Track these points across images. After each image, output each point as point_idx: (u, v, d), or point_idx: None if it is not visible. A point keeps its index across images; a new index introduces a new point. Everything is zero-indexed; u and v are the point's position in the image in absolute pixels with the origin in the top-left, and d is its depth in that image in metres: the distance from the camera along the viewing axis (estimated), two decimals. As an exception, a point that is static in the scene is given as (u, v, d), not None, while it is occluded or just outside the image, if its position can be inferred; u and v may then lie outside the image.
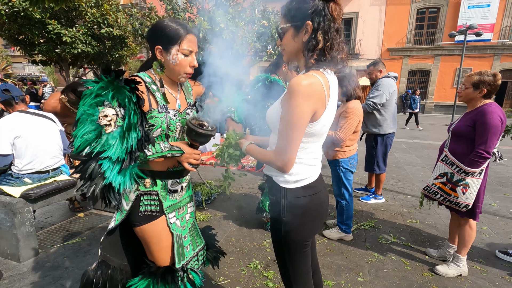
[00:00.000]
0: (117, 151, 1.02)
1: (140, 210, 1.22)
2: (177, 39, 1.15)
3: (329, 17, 0.99)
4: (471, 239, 2.13)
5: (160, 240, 1.26)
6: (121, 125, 1.04)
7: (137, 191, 1.22)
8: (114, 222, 1.25)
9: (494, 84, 1.92)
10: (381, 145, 3.42)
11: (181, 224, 1.33)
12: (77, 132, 1.03)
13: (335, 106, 1.11)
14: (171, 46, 1.15)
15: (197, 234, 1.45)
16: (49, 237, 2.72)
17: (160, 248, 1.27)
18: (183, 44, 1.16)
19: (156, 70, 1.21)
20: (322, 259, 2.38)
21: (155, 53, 1.19)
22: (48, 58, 8.06)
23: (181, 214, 1.35)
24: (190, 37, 1.18)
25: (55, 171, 2.51)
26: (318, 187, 1.16)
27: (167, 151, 1.17)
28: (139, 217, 1.22)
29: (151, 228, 1.24)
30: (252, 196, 3.82)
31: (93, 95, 1.03)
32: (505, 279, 2.17)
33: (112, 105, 1.03)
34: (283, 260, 1.21)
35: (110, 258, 1.30)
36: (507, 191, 4.11)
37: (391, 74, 3.37)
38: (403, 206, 3.53)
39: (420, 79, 17.84)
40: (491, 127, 1.84)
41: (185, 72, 1.21)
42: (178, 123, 1.24)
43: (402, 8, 17.00)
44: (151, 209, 1.24)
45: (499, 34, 15.75)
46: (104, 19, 7.24)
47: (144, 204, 1.22)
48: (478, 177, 1.97)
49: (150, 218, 1.23)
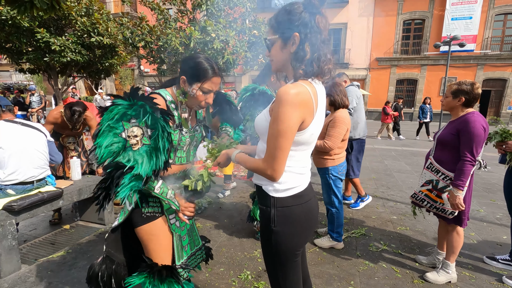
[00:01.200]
0: (145, 168, 1.12)
1: (143, 212, 1.29)
2: (202, 78, 1.27)
3: (316, 28, 1.01)
4: (459, 246, 2.15)
5: (159, 238, 1.33)
6: (147, 144, 1.13)
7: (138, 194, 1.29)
8: (117, 220, 1.35)
9: (472, 93, 1.97)
10: (355, 150, 3.55)
11: (180, 225, 1.41)
12: (100, 143, 1.10)
13: (323, 116, 1.12)
14: (195, 82, 1.27)
15: (195, 235, 1.53)
16: (33, 250, 2.63)
17: (159, 246, 1.33)
18: (205, 84, 1.28)
19: (178, 97, 1.33)
20: (314, 268, 2.37)
21: (180, 79, 1.30)
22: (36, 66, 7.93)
23: None
24: (215, 79, 1.30)
25: (40, 182, 2.44)
26: (308, 195, 1.16)
27: (165, 198, 1.25)
28: (141, 218, 1.29)
29: (151, 228, 1.30)
30: (243, 205, 3.79)
31: (122, 111, 1.12)
32: (493, 285, 2.19)
33: (139, 125, 1.12)
34: (273, 270, 1.20)
35: (114, 254, 1.38)
36: (493, 197, 4.19)
37: (354, 83, 3.74)
38: (393, 213, 3.56)
39: (408, 88, 18.27)
40: (474, 136, 1.89)
41: (199, 105, 1.33)
42: (188, 139, 1.36)
43: (389, 19, 17.52)
44: (153, 210, 1.31)
45: (481, 45, 16.35)
46: (94, 27, 7.20)
47: (145, 205, 1.30)
48: None
49: (151, 219, 1.30)
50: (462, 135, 1.95)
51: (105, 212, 3.08)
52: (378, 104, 18.84)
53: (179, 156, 1.36)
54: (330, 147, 2.45)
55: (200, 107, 1.36)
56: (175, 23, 7.43)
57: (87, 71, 8.57)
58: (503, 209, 3.68)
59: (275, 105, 0.99)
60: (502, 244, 2.82)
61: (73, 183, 2.85)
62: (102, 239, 2.82)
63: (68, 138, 3.20)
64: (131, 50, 7.72)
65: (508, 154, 2.15)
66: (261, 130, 1.12)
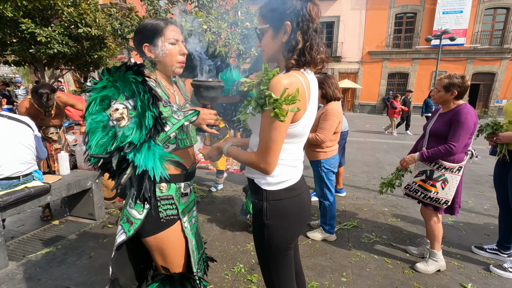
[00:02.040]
0: (136, 135, 0.98)
1: (161, 216, 1.17)
2: (159, 31, 1.18)
3: (308, 17, 0.98)
4: (439, 233, 2.22)
5: (176, 245, 1.23)
6: (134, 115, 0.99)
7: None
8: (124, 234, 1.15)
9: (463, 85, 2.01)
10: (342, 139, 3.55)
11: (190, 228, 1.31)
12: (91, 142, 0.97)
13: (315, 107, 1.10)
14: (156, 39, 1.18)
15: (199, 238, 1.43)
16: (21, 247, 2.57)
17: (175, 253, 1.24)
18: (167, 34, 1.18)
19: (149, 68, 1.22)
20: (306, 261, 2.38)
21: (145, 53, 1.20)
22: (22, 58, 7.67)
23: (189, 218, 1.33)
24: (171, 27, 1.21)
25: (26, 177, 2.38)
26: (300, 188, 1.15)
27: (183, 120, 1.11)
28: (159, 223, 1.17)
29: (167, 234, 1.19)
30: (236, 198, 3.78)
31: (98, 100, 0.98)
32: (481, 273, 2.25)
33: (119, 101, 0.99)
34: (265, 264, 1.19)
35: (118, 277, 1.21)
36: (481, 189, 4.29)
37: None
38: (385, 205, 3.60)
39: (399, 81, 18.43)
40: (464, 126, 1.94)
41: (177, 61, 1.22)
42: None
43: (381, 12, 17.55)
44: (171, 213, 1.20)
45: (471, 39, 16.56)
46: (82, 18, 6.97)
47: (163, 209, 1.18)
48: (457, 173, 2.06)
49: (169, 224, 1.19)
50: (453, 124, 2.00)
51: (95, 207, 3.03)
52: (370, 98, 19.01)
53: (181, 138, 1.22)
54: (322, 140, 2.44)
55: (181, 63, 1.23)
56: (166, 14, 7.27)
57: (75, 64, 8.33)
58: (491, 200, 3.76)
59: None
60: (489, 234, 2.89)
61: (61, 178, 2.78)
62: (92, 235, 2.77)
63: (49, 129, 3.10)
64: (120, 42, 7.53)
65: (499, 146, 2.18)
66: (254, 123, 1.09)
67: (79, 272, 2.19)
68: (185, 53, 1.23)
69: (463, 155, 2.07)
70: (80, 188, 2.86)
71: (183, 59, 1.24)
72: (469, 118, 1.94)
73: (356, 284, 2.10)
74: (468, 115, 1.95)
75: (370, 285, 2.10)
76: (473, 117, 1.96)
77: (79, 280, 2.09)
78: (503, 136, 2.12)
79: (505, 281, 2.15)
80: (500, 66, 16.23)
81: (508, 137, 2.10)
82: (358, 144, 8.02)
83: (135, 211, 1.15)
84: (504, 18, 16.15)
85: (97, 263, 2.31)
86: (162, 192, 1.18)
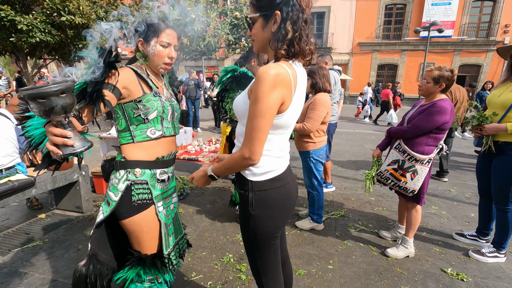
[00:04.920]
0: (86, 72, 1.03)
1: (133, 200, 1.24)
2: (156, 32, 1.25)
3: (298, 7, 0.98)
4: (417, 222, 2.30)
5: (150, 229, 1.30)
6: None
7: (127, 181, 1.24)
8: (102, 214, 1.25)
9: (452, 79, 2.06)
10: (328, 134, 3.58)
11: (166, 213, 1.37)
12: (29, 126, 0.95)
13: (302, 99, 1.10)
14: (151, 38, 1.25)
15: (178, 224, 1.50)
16: (6, 241, 2.53)
17: (150, 237, 1.30)
18: (161, 37, 1.25)
19: (139, 60, 1.30)
20: (294, 249, 2.43)
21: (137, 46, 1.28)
22: (2, 47, 7.37)
23: (167, 203, 1.38)
24: (168, 31, 1.27)
25: (9, 170, 2.32)
26: (286, 179, 1.16)
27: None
28: (132, 207, 1.23)
29: (142, 218, 1.26)
30: (225, 190, 3.80)
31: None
32: (460, 259, 2.35)
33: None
34: (252, 253, 1.21)
35: (98, 253, 1.31)
36: (464, 178, 4.43)
37: (335, 68, 3.68)
38: (371, 195, 3.69)
39: (389, 73, 18.60)
40: (432, 121, 2.03)
41: (163, 63, 1.29)
42: (169, 107, 1.32)
43: (371, 3, 17.53)
44: (144, 197, 1.26)
45: (459, 31, 16.78)
46: (65, 6, 6.72)
47: (136, 193, 1.24)
48: (426, 165, 2.13)
49: (142, 208, 1.25)
50: (425, 112, 2.07)
51: (83, 199, 2.99)
52: (360, 89, 19.03)
53: (166, 126, 1.32)
54: (309, 129, 2.46)
55: (167, 65, 1.31)
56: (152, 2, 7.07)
57: (59, 53, 8.07)
58: (472, 189, 3.90)
59: (254, 85, 0.96)
60: (469, 221, 3.00)
61: (46, 171, 2.73)
62: (80, 228, 2.75)
63: None
64: (106, 30, 7.32)
65: (484, 138, 2.21)
66: (240, 113, 1.09)
67: (67, 265, 2.18)
68: (173, 58, 1.31)
69: (433, 148, 2.12)
70: (66, 181, 2.81)
71: (169, 62, 1.31)
72: (442, 116, 2.01)
73: (342, 271, 2.17)
74: (442, 112, 2.01)
75: (356, 271, 2.17)
76: (447, 114, 2.01)
77: (67, 273, 2.08)
78: (488, 128, 2.13)
79: (482, 265, 2.25)
80: (486, 58, 16.56)
81: (493, 129, 2.11)
82: (347, 135, 8.12)
83: (112, 193, 1.23)
84: (490, 10, 16.40)
85: (85, 255, 2.29)
86: (136, 176, 1.24)
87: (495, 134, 2.15)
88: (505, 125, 2.04)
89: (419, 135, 2.10)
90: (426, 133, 2.08)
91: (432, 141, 2.10)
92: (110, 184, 1.25)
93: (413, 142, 2.14)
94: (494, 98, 2.19)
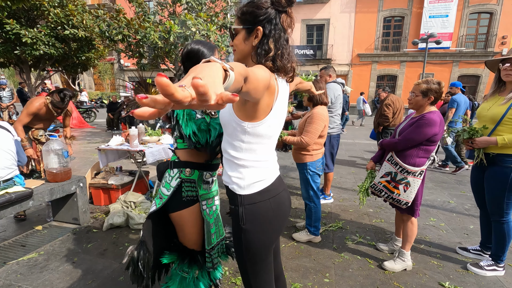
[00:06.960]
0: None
1: (182, 196, 1.41)
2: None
3: (280, 26, 1.02)
4: (413, 235, 2.28)
5: (194, 224, 1.46)
6: None
7: (179, 179, 1.40)
8: (155, 206, 1.43)
9: (439, 91, 2.09)
10: (329, 145, 3.60)
11: (209, 213, 1.50)
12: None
13: (283, 112, 1.11)
14: None
15: (220, 225, 1.59)
16: (1, 253, 2.52)
17: (194, 230, 1.46)
18: None
19: None
20: (291, 262, 2.41)
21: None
22: (6, 59, 7.52)
23: (210, 204, 1.51)
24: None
25: (7, 182, 2.34)
26: (276, 189, 1.15)
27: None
28: (181, 202, 1.40)
29: (188, 213, 1.42)
30: (224, 201, 3.78)
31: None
32: (459, 272, 2.32)
33: None
34: (244, 268, 1.19)
35: (147, 241, 1.43)
36: (464, 189, 4.41)
37: (338, 80, 3.69)
38: (370, 206, 3.67)
39: (388, 83, 18.74)
40: (421, 134, 2.05)
41: None
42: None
43: (370, 15, 17.84)
44: (192, 194, 1.43)
45: (457, 42, 16.99)
46: (69, 19, 6.89)
47: (185, 190, 1.42)
48: (419, 177, 2.13)
49: (189, 203, 1.42)
50: (415, 125, 2.09)
51: (80, 211, 3.00)
52: (359, 100, 19.24)
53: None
54: (307, 143, 2.48)
55: None
56: (154, 16, 7.23)
57: (62, 65, 8.21)
58: (472, 200, 3.87)
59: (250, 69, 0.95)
60: (468, 233, 2.97)
61: (44, 183, 2.74)
62: (76, 240, 2.74)
63: (39, 131, 3.14)
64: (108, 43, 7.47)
65: (476, 150, 2.23)
66: (224, 121, 1.11)
67: (61, 278, 2.16)
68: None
69: (425, 159, 2.13)
70: (64, 192, 2.82)
71: None
72: (431, 129, 2.03)
73: (338, 285, 2.14)
74: (431, 125, 2.03)
75: (352, 285, 2.14)
76: (434, 128, 2.03)
77: (61, 286, 2.07)
78: (479, 141, 2.15)
79: (481, 279, 2.22)
80: (484, 69, 16.68)
81: (484, 142, 2.13)
82: (347, 145, 8.13)
83: (165, 189, 1.42)
84: (487, 22, 16.63)
85: (80, 268, 2.29)
86: (186, 175, 1.41)
87: (486, 147, 2.16)
88: (495, 139, 2.06)
89: (410, 147, 2.11)
90: (416, 145, 2.10)
91: (423, 153, 2.11)
92: (164, 181, 1.44)
93: (405, 154, 2.15)
94: (483, 111, 2.21)
